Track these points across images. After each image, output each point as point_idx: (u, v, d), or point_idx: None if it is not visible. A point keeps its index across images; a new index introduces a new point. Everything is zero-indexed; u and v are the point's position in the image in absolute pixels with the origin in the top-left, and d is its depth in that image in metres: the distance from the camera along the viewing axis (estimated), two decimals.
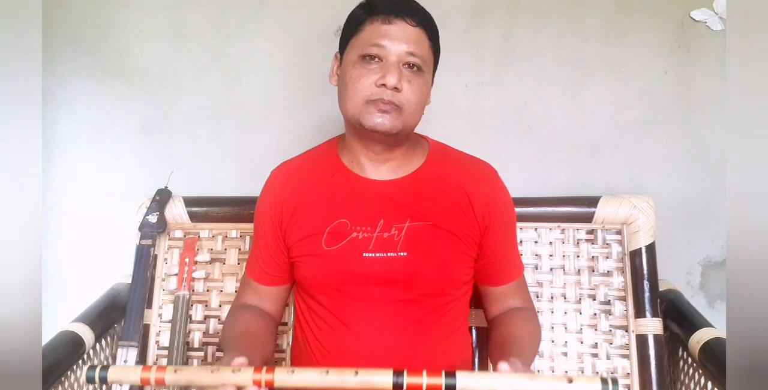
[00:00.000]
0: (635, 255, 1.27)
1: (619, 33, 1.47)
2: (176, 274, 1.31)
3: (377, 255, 1.00)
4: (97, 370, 0.78)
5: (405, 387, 0.76)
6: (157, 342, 1.29)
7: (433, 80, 1.03)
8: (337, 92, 1.02)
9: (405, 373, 0.77)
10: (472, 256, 1.05)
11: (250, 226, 1.16)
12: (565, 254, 1.31)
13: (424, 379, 0.76)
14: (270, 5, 1.50)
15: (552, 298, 1.29)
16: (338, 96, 1.01)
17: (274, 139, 1.52)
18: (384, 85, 0.94)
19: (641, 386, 1.21)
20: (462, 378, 0.76)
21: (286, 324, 1.27)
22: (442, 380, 0.76)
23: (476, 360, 1.23)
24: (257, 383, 0.76)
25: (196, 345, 1.30)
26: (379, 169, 1.04)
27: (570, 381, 0.76)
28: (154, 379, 0.78)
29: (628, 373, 1.23)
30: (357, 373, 0.77)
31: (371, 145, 1.01)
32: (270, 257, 1.07)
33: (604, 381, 0.75)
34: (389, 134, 0.97)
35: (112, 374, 0.79)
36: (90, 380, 0.78)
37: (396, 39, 0.95)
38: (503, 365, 0.78)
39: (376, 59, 0.95)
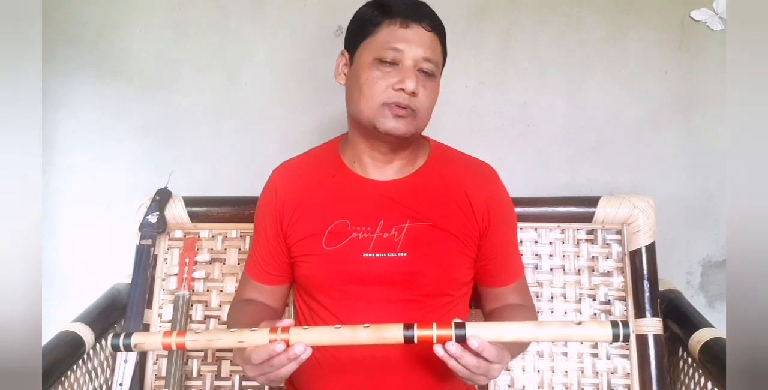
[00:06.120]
0: (635, 255, 1.27)
1: (619, 33, 1.47)
2: (176, 274, 1.31)
3: (377, 255, 1.00)
4: (122, 337, 0.82)
5: (416, 339, 0.78)
6: None
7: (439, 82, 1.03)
8: (346, 92, 1.01)
9: (415, 326, 0.78)
10: (471, 257, 1.05)
11: (250, 226, 1.16)
12: (565, 254, 1.31)
13: (434, 331, 0.78)
14: (270, 5, 1.50)
15: (552, 298, 1.29)
16: (347, 96, 1.00)
17: (274, 138, 1.52)
18: (402, 89, 0.93)
19: (641, 386, 1.21)
20: (471, 328, 0.77)
21: None
22: (452, 331, 0.77)
23: None
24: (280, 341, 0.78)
25: None
26: (382, 169, 1.04)
27: (579, 325, 0.76)
28: (175, 343, 0.81)
29: (628, 373, 1.23)
30: (368, 327, 0.79)
31: (378, 146, 1.01)
32: (270, 256, 1.07)
33: (614, 324, 0.74)
34: (403, 138, 0.98)
35: (135, 340, 0.82)
36: (115, 348, 0.83)
37: (413, 43, 0.94)
38: (473, 341, 0.78)
39: (392, 63, 0.94)
